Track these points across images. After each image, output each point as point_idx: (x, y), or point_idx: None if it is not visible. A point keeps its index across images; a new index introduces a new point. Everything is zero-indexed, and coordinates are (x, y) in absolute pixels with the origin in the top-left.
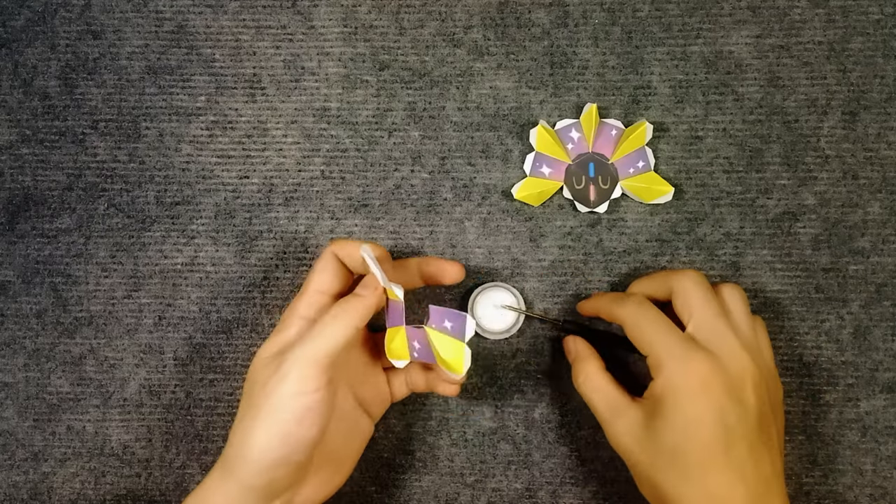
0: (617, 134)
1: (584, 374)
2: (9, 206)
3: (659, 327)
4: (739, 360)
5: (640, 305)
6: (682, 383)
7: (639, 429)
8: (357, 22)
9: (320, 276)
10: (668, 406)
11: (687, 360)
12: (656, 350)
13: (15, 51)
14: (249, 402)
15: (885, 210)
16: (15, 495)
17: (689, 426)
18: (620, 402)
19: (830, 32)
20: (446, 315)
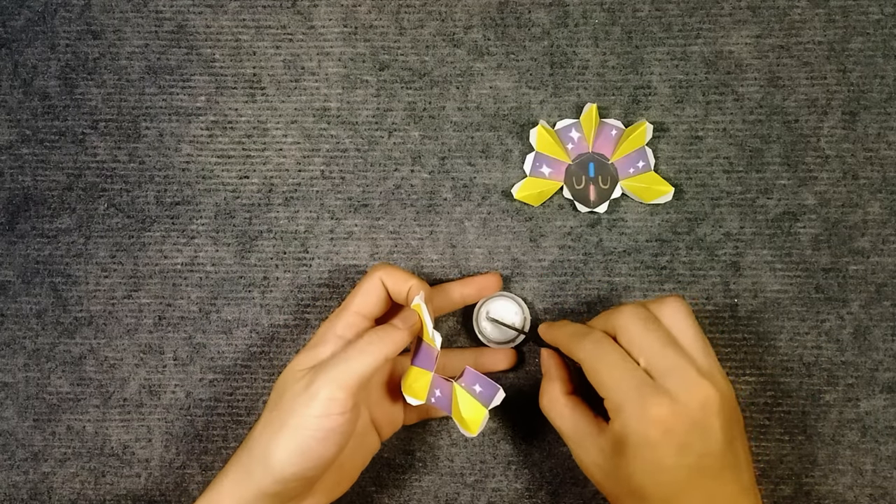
0: (617, 134)
1: (549, 396)
2: (9, 206)
3: (614, 370)
4: (699, 390)
5: (597, 344)
6: (641, 430)
7: (603, 460)
8: (357, 22)
9: (364, 298)
10: (629, 449)
11: (644, 406)
12: (612, 396)
13: (15, 51)
14: (276, 413)
15: (885, 210)
16: (15, 495)
17: (651, 470)
18: (585, 430)
19: (830, 32)
20: (479, 380)
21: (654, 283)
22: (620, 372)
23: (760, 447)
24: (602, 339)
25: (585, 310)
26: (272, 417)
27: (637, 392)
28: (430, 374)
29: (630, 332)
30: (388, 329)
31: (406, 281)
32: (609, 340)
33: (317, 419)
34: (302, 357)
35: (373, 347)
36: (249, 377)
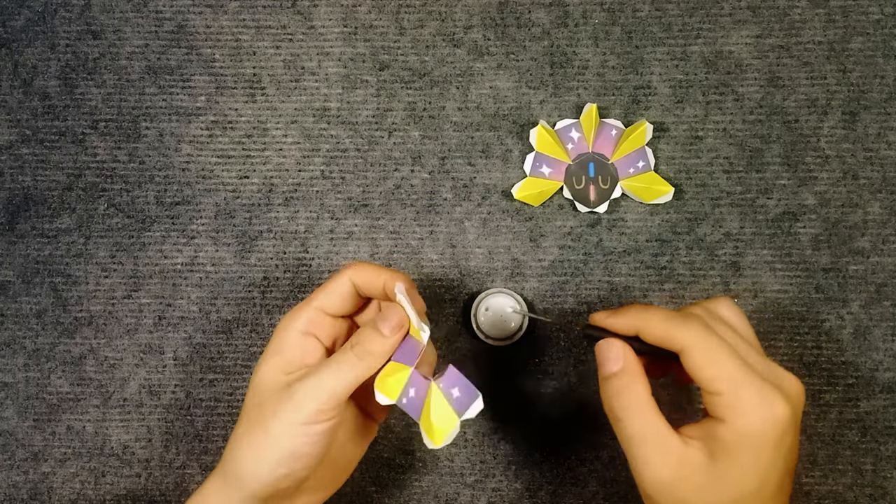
0: (617, 134)
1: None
2: (9, 206)
3: (735, 361)
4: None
5: (709, 330)
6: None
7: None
8: (357, 22)
9: (327, 296)
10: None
11: (772, 405)
12: (733, 390)
13: (15, 51)
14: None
15: (885, 210)
16: (15, 495)
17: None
18: (673, 441)
19: (830, 32)
20: (460, 383)
21: (654, 283)
22: (740, 366)
23: None
24: (710, 326)
25: (585, 310)
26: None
27: (760, 389)
28: (409, 369)
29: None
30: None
31: (378, 275)
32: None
33: (303, 426)
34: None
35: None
36: (249, 377)
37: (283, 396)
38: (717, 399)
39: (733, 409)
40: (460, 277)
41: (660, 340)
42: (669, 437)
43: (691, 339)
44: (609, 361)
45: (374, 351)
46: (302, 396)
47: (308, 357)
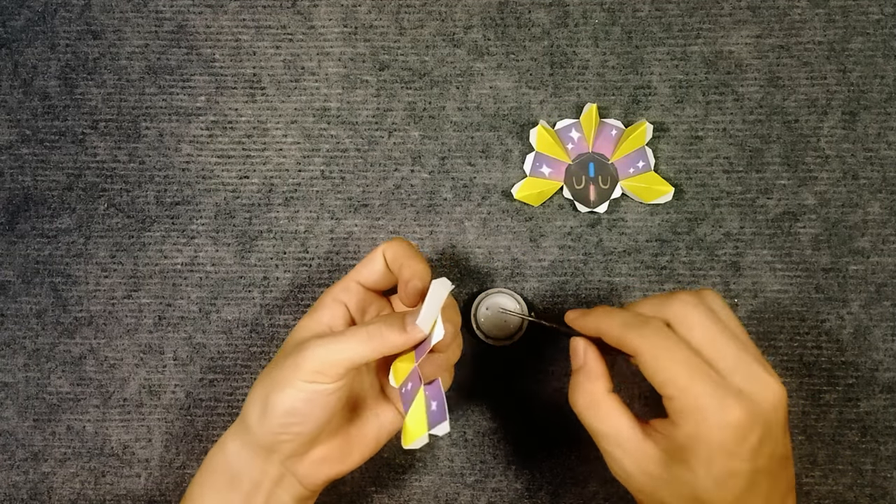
0: (617, 134)
1: (588, 394)
2: (9, 206)
3: (686, 366)
4: (771, 389)
5: (662, 336)
6: (718, 436)
7: (655, 468)
8: (357, 22)
9: (363, 268)
10: (696, 459)
11: (724, 410)
12: (683, 397)
13: (15, 51)
14: (271, 370)
15: (885, 210)
16: (15, 495)
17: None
18: (631, 436)
19: (830, 32)
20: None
21: (654, 283)
22: (692, 369)
23: None
24: (665, 329)
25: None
26: (267, 373)
27: (713, 395)
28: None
29: (691, 322)
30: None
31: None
32: (673, 332)
33: (300, 382)
34: (305, 320)
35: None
36: (249, 377)
37: (294, 351)
38: (669, 403)
39: (683, 413)
40: (460, 277)
41: (616, 344)
42: (627, 432)
43: (643, 344)
44: (574, 358)
45: (387, 337)
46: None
47: (334, 321)
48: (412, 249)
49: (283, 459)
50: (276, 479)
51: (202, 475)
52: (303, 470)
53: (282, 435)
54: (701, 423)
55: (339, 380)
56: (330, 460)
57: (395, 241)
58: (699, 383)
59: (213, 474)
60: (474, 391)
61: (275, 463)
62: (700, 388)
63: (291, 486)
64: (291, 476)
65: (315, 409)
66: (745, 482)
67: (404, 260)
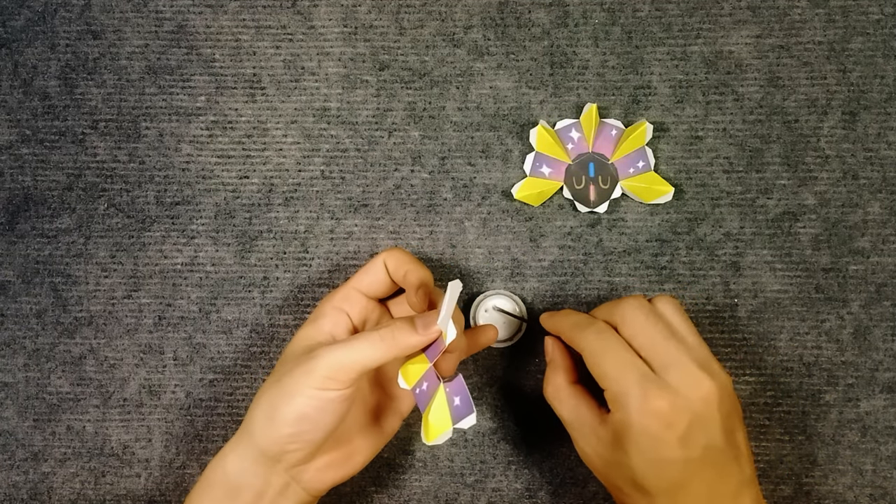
0: (617, 134)
1: (553, 385)
2: (9, 206)
3: (616, 361)
4: (701, 384)
5: (600, 335)
6: (642, 423)
7: (604, 450)
8: (357, 22)
9: (363, 276)
10: (629, 441)
11: (646, 398)
12: (613, 387)
13: (15, 51)
14: (277, 379)
15: (885, 210)
16: (15, 495)
17: (653, 463)
18: (587, 418)
19: (830, 32)
20: (462, 394)
21: (654, 283)
22: (622, 363)
23: (760, 447)
24: (604, 329)
25: (585, 310)
26: (274, 382)
27: (639, 384)
28: (427, 364)
29: (633, 324)
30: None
31: (405, 263)
32: (612, 331)
33: (312, 390)
34: (306, 329)
35: (382, 343)
36: (249, 377)
37: (302, 359)
38: (606, 394)
39: (614, 402)
40: (460, 278)
41: (567, 342)
42: (585, 419)
43: (585, 341)
44: (545, 354)
45: (400, 340)
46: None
47: (336, 329)
48: (412, 256)
49: (289, 468)
50: (279, 489)
51: (201, 488)
52: (308, 477)
53: (290, 444)
54: (628, 411)
55: (350, 385)
56: (334, 466)
57: (395, 249)
58: (627, 375)
59: (212, 488)
60: (474, 392)
61: (279, 472)
62: (628, 379)
63: (295, 494)
64: (296, 484)
65: (325, 416)
66: (680, 470)
67: (409, 266)
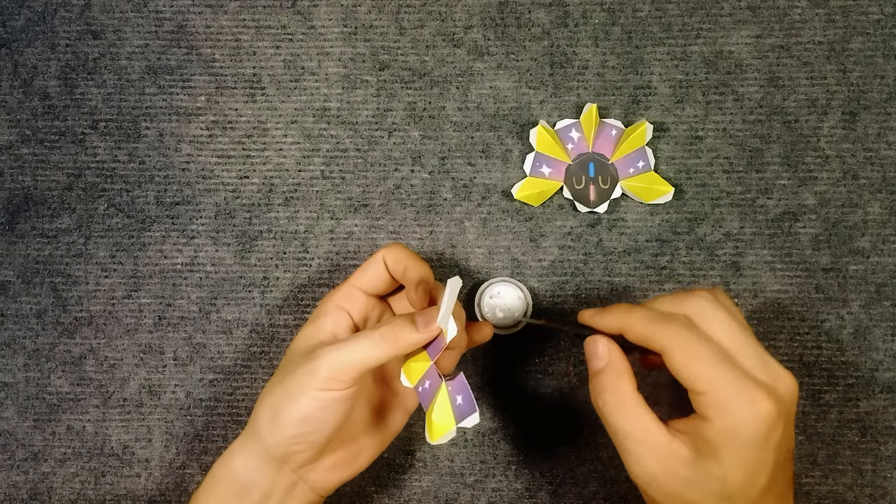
0: (617, 134)
1: (618, 392)
2: (9, 206)
3: (715, 361)
4: (788, 382)
5: (690, 330)
6: (749, 429)
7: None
8: (357, 22)
9: (363, 274)
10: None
11: (754, 403)
12: (714, 389)
13: (15, 51)
14: (281, 380)
15: (885, 210)
16: (15, 495)
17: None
18: (660, 436)
19: (830, 32)
20: (464, 393)
21: (654, 283)
22: (721, 365)
23: None
24: (691, 325)
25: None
26: (277, 383)
27: (744, 387)
28: (429, 362)
29: (713, 320)
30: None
31: (404, 259)
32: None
33: (315, 391)
34: (308, 329)
35: (383, 341)
36: (249, 377)
37: (304, 360)
38: (700, 398)
39: (715, 408)
40: (460, 278)
41: (642, 340)
42: (655, 432)
43: (671, 339)
44: (595, 358)
45: (401, 338)
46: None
47: (338, 328)
48: (411, 252)
49: (296, 468)
50: (286, 489)
51: (206, 489)
52: (315, 476)
53: (296, 445)
54: (733, 417)
55: (352, 385)
56: (341, 465)
57: (394, 245)
58: (729, 378)
59: (220, 487)
60: (475, 391)
61: (286, 472)
62: (730, 383)
63: (302, 494)
64: (303, 483)
65: (329, 416)
66: (769, 475)
67: (408, 263)
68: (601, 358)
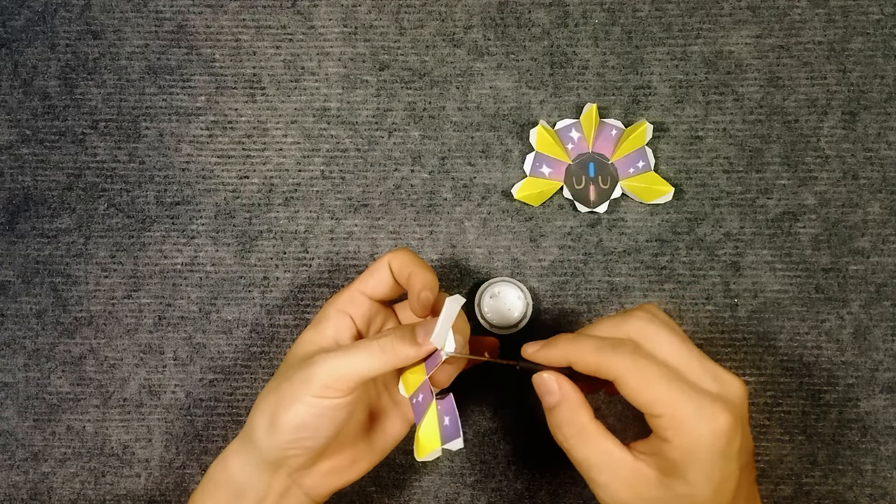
0: (617, 134)
1: (575, 425)
2: (9, 206)
3: (668, 380)
4: (738, 388)
5: (638, 356)
6: (711, 445)
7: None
8: (357, 22)
9: (367, 278)
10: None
11: (711, 418)
12: (672, 411)
13: (15, 51)
14: (278, 384)
15: (885, 210)
16: (15, 495)
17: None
18: (623, 460)
19: (830, 32)
20: (451, 415)
21: (654, 283)
22: (673, 385)
23: (760, 447)
24: (638, 349)
25: (585, 310)
26: (274, 388)
27: (697, 404)
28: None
29: (656, 339)
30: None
31: (409, 265)
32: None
33: (311, 398)
34: (309, 333)
35: (382, 356)
36: (249, 377)
37: (301, 366)
38: (657, 421)
39: (674, 429)
40: (460, 277)
41: (593, 371)
42: (619, 457)
43: (622, 367)
44: (547, 394)
45: (400, 351)
46: (315, 370)
47: (340, 333)
48: (418, 258)
49: (291, 472)
50: (281, 493)
51: (203, 490)
52: (310, 482)
53: (291, 450)
54: (693, 436)
55: (349, 394)
56: (338, 471)
57: (401, 251)
58: (683, 398)
59: (216, 489)
60: (475, 391)
61: (282, 476)
62: (685, 403)
63: (296, 498)
64: (297, 488)
65: (325, 423)
66: (735, 482)
67: (413, 269)
68: (553, 393)
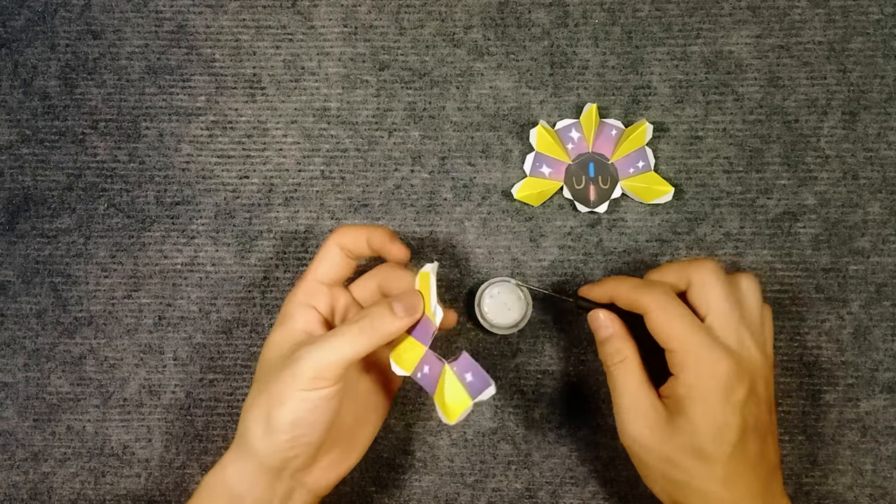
0: (617, 134)
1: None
2: (9, 206)
3: (686, 322)
4: (754, 357)
5: (668, 296)
6: (709, 385)
7: (662, 425)
8: (357, 22)
9: (318, 265)
10: (693, 407)
11: (713, 361)
12: (683, 347)
13: (15, 51)
14: (265, 387)
15: (885, 210)
16: (15, 495)
17: (715, 429)
18: (647, 395)
19: (830, 32)
20: (472, 369)
21: None
22: (691, 324)
23: None
24: (669, 291)
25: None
26: (260, 392)
27: (707, 347)
28: (423, 348)
29: (708, 287)
30: (385, 316)
31: (360, 233)
32: (675, 294)
33: (302, 392)
34: (278, 332)
35: (363, 337)
36: (249, 377)
37: (284, 363)
38: (672, 356)
39: (683, 364)
40: (460, 277)
41: (628, 305)
42: (644, 393)
43: (651, 302)
44: (601, 328)
45: (381, 328)
46: (301, 364)
47: (310, 326)
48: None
49: (293, 474)
50: (284, 496)
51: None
52: (312, 479)
53: (291, 450)
54: (697, 373)
55: (337, 381)
56: (337, 461)
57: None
58: (697, 339)
59: (214, 498)
60: None
61: (284, 480)
62: (698, 343)
63: (300, 498)
64: (301, 488)
65: (319, 415)
66: (737, 436)
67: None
68: (607, 328)
